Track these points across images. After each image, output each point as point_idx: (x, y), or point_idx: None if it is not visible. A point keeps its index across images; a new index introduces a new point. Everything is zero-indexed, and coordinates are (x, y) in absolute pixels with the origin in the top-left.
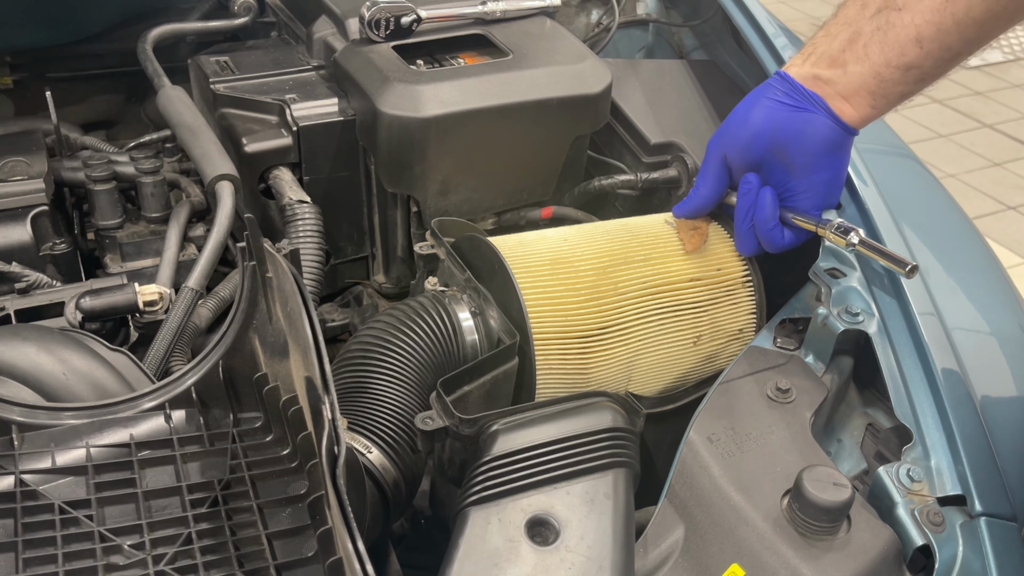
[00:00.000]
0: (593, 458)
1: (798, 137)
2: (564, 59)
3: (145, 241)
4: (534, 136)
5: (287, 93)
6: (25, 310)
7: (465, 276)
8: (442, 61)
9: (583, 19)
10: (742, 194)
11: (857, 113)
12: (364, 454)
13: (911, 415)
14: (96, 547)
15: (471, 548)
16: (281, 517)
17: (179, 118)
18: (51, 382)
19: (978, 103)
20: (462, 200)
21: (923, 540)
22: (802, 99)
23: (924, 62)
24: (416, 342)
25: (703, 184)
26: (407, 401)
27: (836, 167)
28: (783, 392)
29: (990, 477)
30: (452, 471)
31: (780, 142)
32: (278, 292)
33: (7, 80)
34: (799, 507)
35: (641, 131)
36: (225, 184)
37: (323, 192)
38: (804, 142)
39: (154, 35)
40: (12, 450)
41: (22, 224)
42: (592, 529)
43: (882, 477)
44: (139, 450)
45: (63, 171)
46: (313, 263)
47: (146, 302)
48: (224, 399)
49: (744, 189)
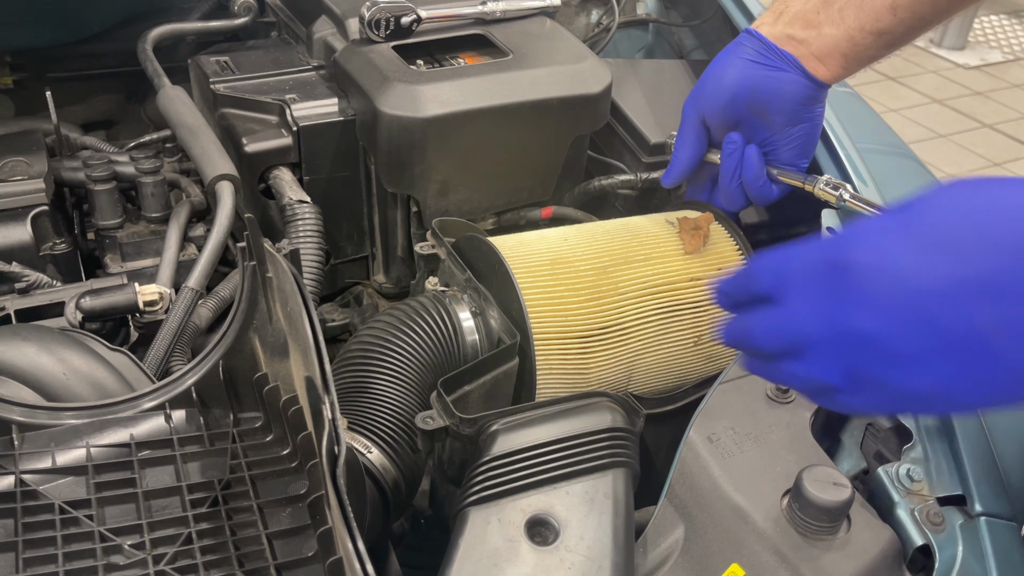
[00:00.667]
0: (593, 458)
1: (776, 97)
2: (564, 59)
3: (145, 241)
4: (534, 136)
5: (287, 93)
6: (25, 310)
7: (466, 276)
8: (442, 61)
9: (583, 19)
10: (727, 154)
11: (830, 72)
12: (364, 454)
13: (911, 415)
14: (96, 547)
15: (471, 548)
16: (281, 517)
17: (179, 118)
18: (51, 382)
19: (978, 103)
20: (462, 200)
21: (923, 540)
22: (777, 59)
23: (896, 28)
24: (416, 342)
25: (683, 148)
26: (407, 401)
27: (813, 118)
28: (783, 392)
29: (990, 477)
30: (452, 471)
31: (759, 102)
32: (278, 292)
33: (7, 80)
34: (799, 507)
35: (641, 131)
36: (225, 184)
37: (323, 192)
38: (782, 101)
39: (154, 35)
40: (12, 450)
41: (22, 224)
42: (592, 529)
43: (882, 477)
44: (139, 450)
45: (63, 171)
46: (313, 263)
47: (146, 302)
48: (224, 399)
49: (729, 149)
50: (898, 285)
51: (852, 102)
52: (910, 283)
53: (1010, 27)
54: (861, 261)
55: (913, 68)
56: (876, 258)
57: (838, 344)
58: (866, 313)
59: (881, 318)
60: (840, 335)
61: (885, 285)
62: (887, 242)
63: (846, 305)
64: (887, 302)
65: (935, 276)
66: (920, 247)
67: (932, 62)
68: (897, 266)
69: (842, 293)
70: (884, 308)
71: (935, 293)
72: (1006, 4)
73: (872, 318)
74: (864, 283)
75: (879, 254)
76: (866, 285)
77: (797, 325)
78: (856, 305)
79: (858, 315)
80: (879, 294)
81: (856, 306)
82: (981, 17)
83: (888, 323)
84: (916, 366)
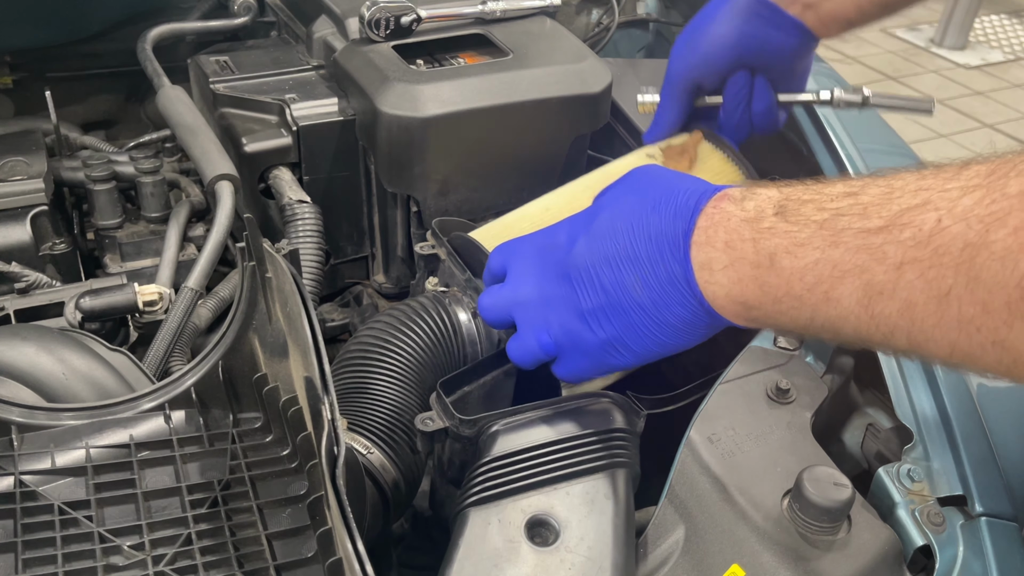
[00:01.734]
0: (593, 459)
1: (778, 56)
2: (564, 59)
3: (145, 241)
4: (534, 136)
5: (287, 93)
6: (25, 310)
7: (465, 276)
8: (442, 61)
9: (583, 19)
10: (736, 90)
11: (830, 34)
12: (364, 455)
13: (911, 415)
14: (96, 548)
15: (471, 549)
16: (281, 517)
17: (179, 118)
18: (51, 382)
19: (978, 103)
20: (462, 200)
21: (923, 540)
22: (776, 15)
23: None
24: (416, 342)
25: (670, 110)
26: (407, 402)
27: (806, 65)
28: (783, 392)
29: (990, 477)
30: (452, 472)
31: (761, 62)
32: (277, 292)
33: (7, 80)
34: (799, 507)
35: (641, 131)
36: (225, 184)
37: (323, 192)
38: (784, 59)
39: (154, 35)
40: (12, 451)
41: (22, 224)
42: (592, 530)
43: (882, 477)
44: (139, 451)
45: (63, 171)
46: (313, 263)
47: (146, 302)
48: (224, 399)
49: (737, 86)
50: (579, 260)
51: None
52: (587, 258)
53: (1011, 27)
54: (559, 243)
55: (913, 68)
56: (567, 241)
57: (545, 306)
58: (560, 280)
59: (567, 284)
60: (546, 298)
61: (573, 261)
62: (575, 230)
63: (548, 274)
64: (575, 273)
65: (599, 254)
66: (589, 235)
67: (933, 62)
68: (580, 248)
69: (548, 267)
70: (571, 278)
71: (599, 265)
72: (1006, 4)
73: (563, 284)
74: (558, 258)
75: (569, 239)
76: (559, 260)
77: (514, 291)
78: (554, 275)
79: (555, 282)
80: (568, 267)
81: (554, 275)
82: (982, 17)
83: (574, 288)
84: (595, 320)
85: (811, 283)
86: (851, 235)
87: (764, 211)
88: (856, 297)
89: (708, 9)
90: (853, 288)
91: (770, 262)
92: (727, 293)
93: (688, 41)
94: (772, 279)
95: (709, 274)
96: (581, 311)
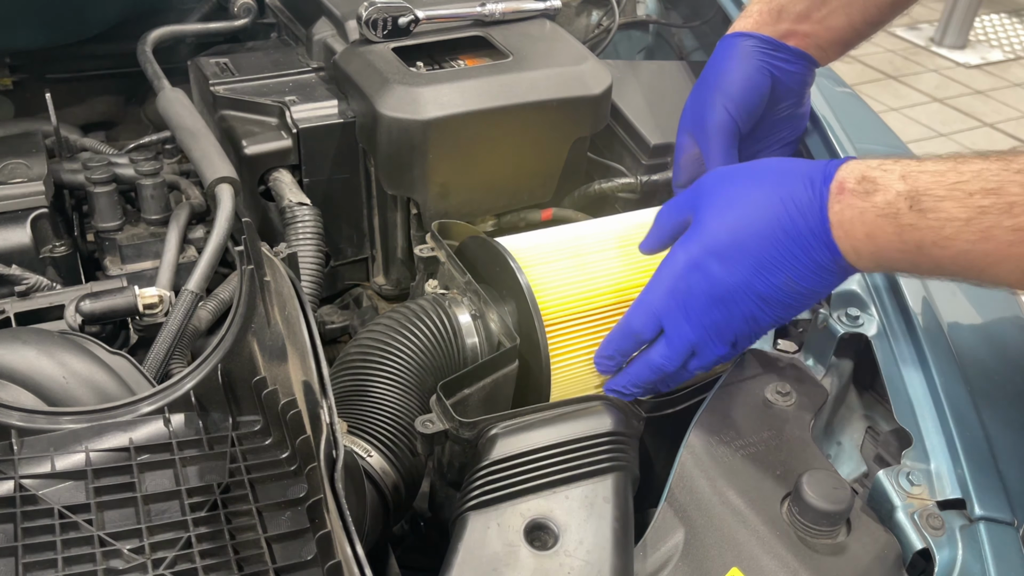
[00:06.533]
0: (592, 462)
1: (794, 86)
2: (564, 61)
3: (145, 243)
4: (534, 138)
5: (287, 95)
6: (25, 313)
7: (465, 279)
8: (442, 63)
9: (583, 20)
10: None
11: (829, 58)
12: (364, 457)
13: (911, 418)
14: (96, 551)
15: (470, 553)
16: (280, 520)
17: (179, 120)
18: (51, 386)
19: (978, 102)
20: (462, 202)
21: (923, 544)
22: (788, 54)
23: (891, 16)
24: (416, 345)
25: (720, 157)
26: (407, 404)
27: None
28: (783, 395)
29: (989, 480)
30: (452, 474)
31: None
32: (276, 296)
33: (7, 81)
34: (799, 511)
35: (641, 133)
36: (225, 186)
37: (323, 194)
38: (796, 91)
39: (154, 36)
40: (11, 455)
41: (22, 226)
42: (591, 533)
43: (882, 481)
44: (138, 454)
45: (63, 173)
46: (312, 265)
47: (146, 305)
48: (223, 403)
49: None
50: (729, 281)
51: (852, 102)
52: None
53: (1011, 26)
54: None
55: (913, 67)
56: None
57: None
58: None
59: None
60: (708, 327)
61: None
62: (700, 259)
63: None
64: (729, 296)
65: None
66: (720, 257)
67: (932, 61)
68: (718, 272)
69: (692, 303)
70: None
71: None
72: (1007, 3)
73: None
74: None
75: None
76: (705, 292)
77: (685, 336)
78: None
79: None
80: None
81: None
82: (982, 16)
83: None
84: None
85: (964, 265)
86: (1002, 232)
87: (897, 207)
88: (1016, 276)
89: (721, 60)
90: (1011, 268)
91: (917, 249)
92: (870, 265)
93: (717, 88)
94: (923, 262)
95: (856, 257)
96: (759, 325)
